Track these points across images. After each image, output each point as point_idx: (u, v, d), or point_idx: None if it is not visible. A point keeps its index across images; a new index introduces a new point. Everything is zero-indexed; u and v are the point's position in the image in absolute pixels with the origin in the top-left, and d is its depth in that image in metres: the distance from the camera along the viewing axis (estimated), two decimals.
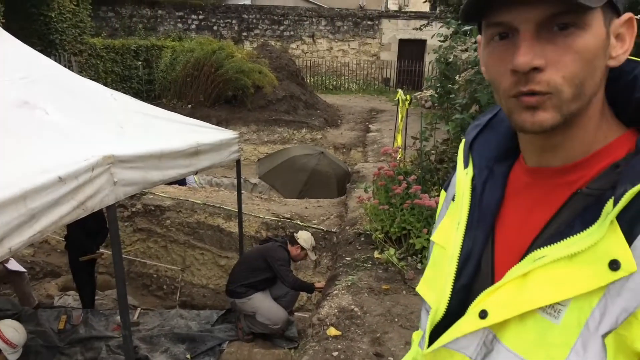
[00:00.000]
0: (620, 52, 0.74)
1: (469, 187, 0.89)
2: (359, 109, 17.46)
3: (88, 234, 5.76)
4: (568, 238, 0.71)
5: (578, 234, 0.70)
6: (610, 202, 0.68)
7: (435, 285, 0.91)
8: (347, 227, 5.35)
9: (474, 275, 0.85)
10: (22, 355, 4.62)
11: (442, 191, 1.05)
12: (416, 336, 1.08)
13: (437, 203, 3.82)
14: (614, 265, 0.65)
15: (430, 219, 4.16)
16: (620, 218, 0.66)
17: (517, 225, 0.83)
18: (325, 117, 15.90)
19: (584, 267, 0.67)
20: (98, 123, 3.87)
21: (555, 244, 0.72)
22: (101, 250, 6.17)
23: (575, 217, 0.73)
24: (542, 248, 0.73)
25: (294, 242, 5.07)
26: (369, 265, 4.14)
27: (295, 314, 5.65)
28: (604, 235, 0.67)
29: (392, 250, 4.17)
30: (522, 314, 0.72)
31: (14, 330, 3.64)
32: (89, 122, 3.77)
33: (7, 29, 4.86)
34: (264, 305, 4.92)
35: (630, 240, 0.65)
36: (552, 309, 0.70)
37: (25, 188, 2.41)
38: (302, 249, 5.04)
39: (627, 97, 0.77)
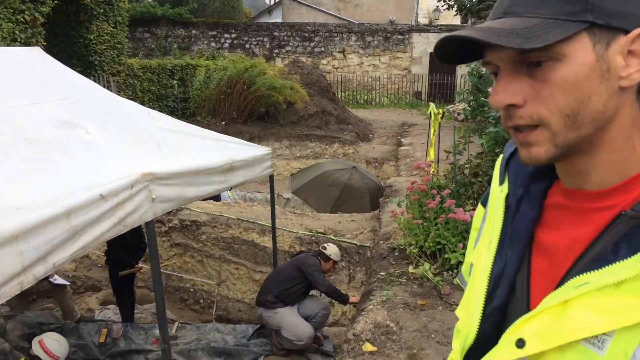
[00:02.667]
0: (634, 70, 0.68)
1: (502, 205, 0.87)
2: (391, 123, 17.43)
3: (127, 249, 5.90)
4: (614, 264, 0.66)
5: (625, 260, 0.65)
6: None
7: (468, 306, 0.89)
8: (381, 242, 5.33)
9: (507, 297, 0.82)
10: None
11: (480, 206, 1.02)
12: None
13: (471, 217, 3.76)
14: None
15: (465, 234, 4.10)
16: None
17: (553, 248, 0.79)
18: (357, 132, 15.93)
19: (632, 296, 0.63)
20: (136, 141, 3.98)
21: (598, 269, 0.68)
22: (140, 264, 6.30)
23: (619, 241, 0.68)
24: (584, 274, 0.69)
25: (322, 254, 5.11)
26: (404, 280, 4.10)
27: (330, 329, 5.62)
28: None
29: (427, 265, 4.13)
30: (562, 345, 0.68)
31: (57, 343, 3.75)
32: (128, 141, 3.89)
33: (49, 51, 5.07)
34: (288, 320, 4.91)
35: None
36: (596, 339, 0.65)
37: (68, 206, 2.49)
38: (328, 259, 5.07)
39: None
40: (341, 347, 3.52)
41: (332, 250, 5.13)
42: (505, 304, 0.82)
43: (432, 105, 8.58)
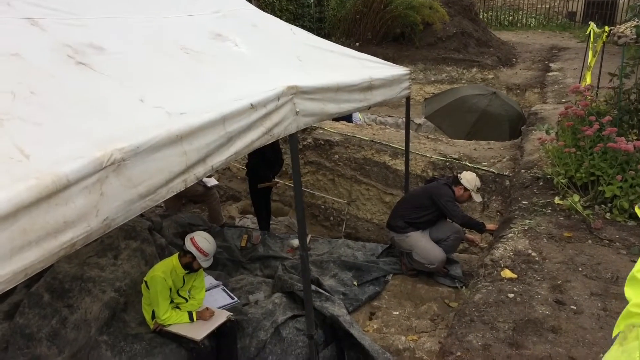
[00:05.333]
0: None
1: None
2: (538, 47, 15.97)
3: (266, 163, 6.21)
4: None
5: None
6: None
7: None
8: (523, 171, 5.03)
9: None
10: (212, 266, 5.25)
11: None
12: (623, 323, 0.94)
13: (635, 147, 3.37)
14: None
15: (625, 165, 3.71)
16: None
17: None
18: (499, 56, 14.84)
19: None
20: (280, 55, 4.06)
21: None
22: (276, 179, 6.64)
23: None
24: None
25: (458, 182, 4.88)
26: (549, 210, 3.86)
27: (460, 255, 5.56)
28: None
29: (576, 197, 3.83)
30: None
31: (206, 241, 4.11)
32: (272, 55, 3.98)
33: None
34: (420, 244, 4.89)
35: None
36: None
37: (224, 112, 2.62)
38: (466, 189, 4.83)
39: None
40: (477, 271, 3.46)
41: (467, 177, 4.88)
42: None
43: (592, 24, 7.64)
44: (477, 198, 4.89)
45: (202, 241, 4.09)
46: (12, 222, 1.58)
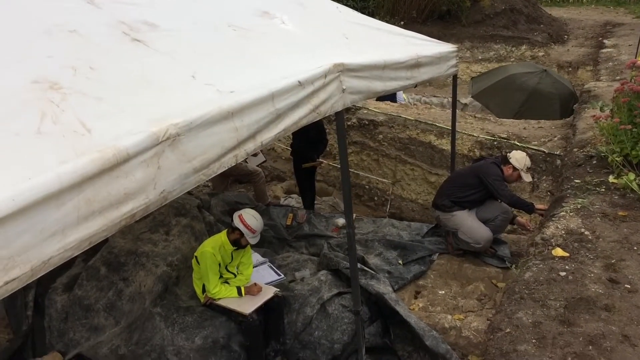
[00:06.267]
0: None
1: None
2: (591, 23, 15.30)
3: (310, 143, 6.24)
4: None
5: None
6: None
7: None
8: (575, 150, 4.87)
9: None
10: (259, 244, 5.36)
11: None
12: None
13: None
14: None
15: None
16: None
17: None
18: (550, 32, 14.31)
19: None
20: (326, 33, 4.05)
21: None
22: (320, 159, 6.67)
23: None
24: None
25: (507, 161, 4.74)
26: (602, 189, 3.74)
27: (509, 235, 5.46)
28: None
29: (631, 176, 3.69)
30: None
31: (254, 218, 4.19)
32: (319, 32, 3.97)
33: None
34: (466, 224, 4.82)
35: None
36: None
37: (273, 90, 2.66)
38: (515, 169, 4.69)
39: None
40: (527, 251, 3.41)
41: (516, 156, 4.73)
42: None
43: None
44: (527, 178, 4.75)
45: (249, 218, 4.18)
46: (77, 192, 1.67)
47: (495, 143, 6.43)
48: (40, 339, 4.31)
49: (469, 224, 4.80)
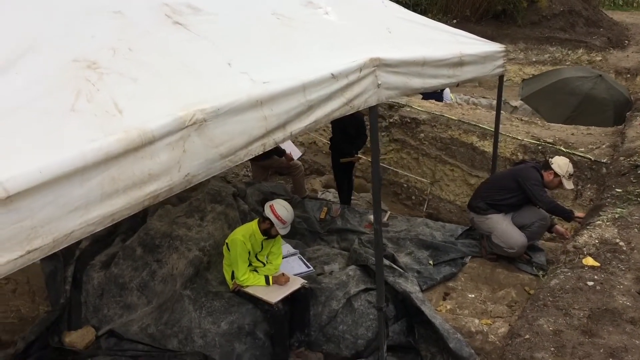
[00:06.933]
0: None
1: None
2: None
3: (348, 138, 6.23)
4: None
5: None
6: None
7: None
8: (622, 158, 4.68)
9: None
10: (291, 235, 5.41)
11: None
12: None
13: None
14: None
15: None
16: None
17: None
18: (609, 37, 13.75)
19: None
20: (369, 26, 4.03)
21: None
22: (359, 155, 6.66)
23: None
24: None
25: (548, 167, 4.58)
26: None
27: (546, 243, 5.30)
28: None
29: None
30: None
31: (284, 209, 4.22)
32: (361, 25, 3.95)
33: None
34: (500, 227, 4.70)
35: None
36: None
37: (305, 81, 2.67)
38: (556, 175, 4.52)
39: None
40: (558, 258, 3.31)
41: (558, 162, 4.56)
42: None
43: None
44: (568, 185, 4.58)
45: (280, 209, 4.21)
46: (102, 169, 1.74)
47: (539, 147, 6.24)
48: (76, 313, 4.49)
49: (503, 228, 4.69)
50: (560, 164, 4.55)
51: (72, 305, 4.52)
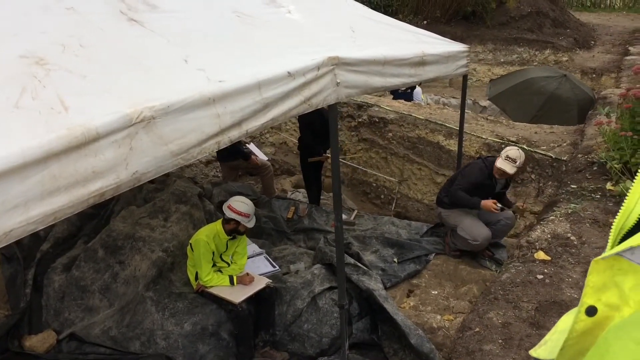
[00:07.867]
0: None
1: None
2: (620, 29, 14.99)
3: (316, 137, 6.24)
4: None
5: None
6: None
7: None
8: (580, 155, 4.80)
9: None
10: (258, 235, 5.40)
11: None
12: None
13: None
14: None
15: None
16: None
17: None
18: (576, 37, 14.05)
19: None
20: (332, 25, 4.03)
21: None
22: (327, 154, 6.67)
23: None
24: None
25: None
26: (598, 196, 3.68)
27: (510, 239, 5.40)
28: None
29: (629, 183, 3.61)
30: None
31: (242, 203, 4.21)
32: (324, 24, 3.96)
33: None
34: (465, 220, 4.81)
35: None
36: None
37: (260, 79, 2.67)
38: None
39: None
40: (512, 253, 3.38)
41: (506, 150, 4.55)
42: None
43: None
44: (503, 165, 4.47)
45: (239, 205, 4.19)
46: (42, 167, 1.71)
47: (503, 146, 6.34)
48: (37, 316, 4.40)
49: (469, 220, 4.79)
50: (506, 149, 4.61)
51: (32, 308, 4.42)
